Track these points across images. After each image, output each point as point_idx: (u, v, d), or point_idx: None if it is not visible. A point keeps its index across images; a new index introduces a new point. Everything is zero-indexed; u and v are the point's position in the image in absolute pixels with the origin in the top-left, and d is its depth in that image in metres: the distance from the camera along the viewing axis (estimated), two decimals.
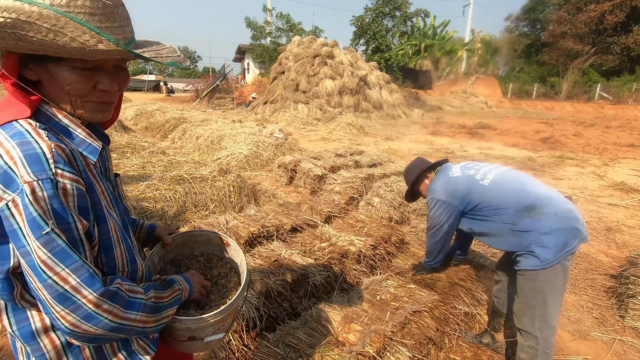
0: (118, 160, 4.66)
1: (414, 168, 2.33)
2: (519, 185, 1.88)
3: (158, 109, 10.81)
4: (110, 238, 0.83)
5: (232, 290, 1.10)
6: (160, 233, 1.16)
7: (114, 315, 0.73)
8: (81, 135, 0.80)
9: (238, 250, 1.17)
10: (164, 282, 0.94)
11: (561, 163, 8.04)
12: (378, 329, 1.90)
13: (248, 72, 32.44)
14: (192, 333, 0.99)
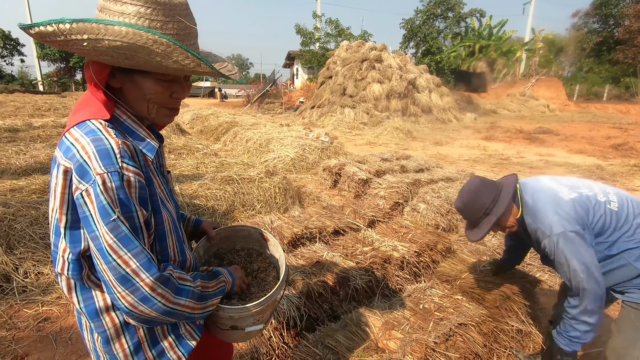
0: (174, 161, 5.01)
1: (480, 199, 1.63)
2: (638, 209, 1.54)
3: (212, 113, 11.44)
4: (164, 228, 0.91)
5: (271, 283, 1.15)
6: (206, 227, 1.23)
7: (166, 300, 0.79)
8: (142, 134, 0.89)
9: (277, 246, 1.21)
10: (211, 273, 1.01)
11: (637, 172, 7.21)
12: (420, 339, 1.83)
13: (297, 77, 33.22)
14: (234, 322, 1.04)
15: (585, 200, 1.52)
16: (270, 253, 1.26)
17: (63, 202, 0.78)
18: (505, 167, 7.43)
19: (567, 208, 1.50)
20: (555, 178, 1.69)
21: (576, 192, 1.56)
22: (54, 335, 2.22)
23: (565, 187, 1.59)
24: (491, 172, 6.83)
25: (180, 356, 0.96)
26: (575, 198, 1.53)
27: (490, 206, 1.62)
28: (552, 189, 1.60)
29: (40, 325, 2.30)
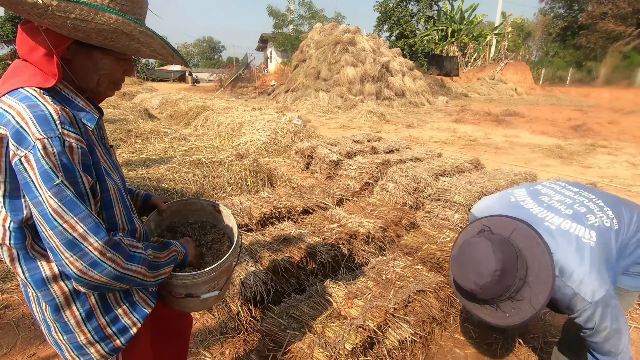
0: (141, 145, 4.88)
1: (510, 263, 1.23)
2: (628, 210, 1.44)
3: (182, 97, 11.10)
4: (110, 196, 0.91)
5: (225, 252, 1.18)
6: (156, 201, 1.23)
7: (117, 264, 0.81)
8: (80, 104, 0.88)
9: (230, 217, 1.24)
10: (162, 244, 1.02)
11: (592, 151, 7.67)
12: (380, 305, 1.93)
13: (270, 60, 32.56)
14: (188, 290, 1.07)
15: (602, 234, 1.28)
16: (224, 224, 1.29)
17: (0, 169, 0.77)
18: (472, 148, 7.70)
19: (597, 259, 1.23)
20: (542, 201, 1.44)
21: (590, 227, 1.30)
22: (15, 322, 2.18)
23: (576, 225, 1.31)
24: (459, 152, 7.06)
25: (135, 321, 0.98)
26: (597, 239, 1.27)
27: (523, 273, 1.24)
28: (570, 234, 1.29)
29: (0, 313, 2.24)
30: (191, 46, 60.90)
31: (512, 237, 1.29)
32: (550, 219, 1.34)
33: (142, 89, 15.68)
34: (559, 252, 1.25)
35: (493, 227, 1.35)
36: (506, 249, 1.23)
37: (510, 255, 1.23)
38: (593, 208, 1.37)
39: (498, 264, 1.18)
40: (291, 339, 1.74)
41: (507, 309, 1.25)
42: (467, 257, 1.28)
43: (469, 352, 2.07)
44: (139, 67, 30.85)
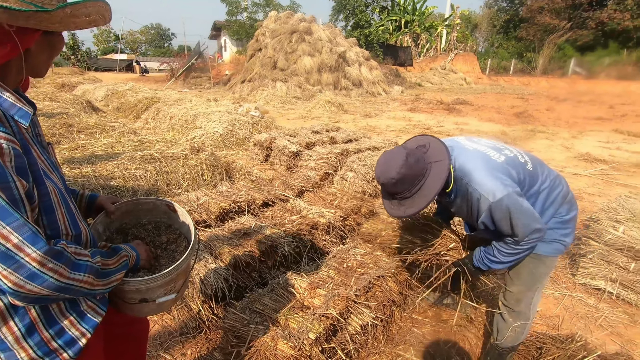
0: (85, 141, 4.53)
1: (412, 171, 1.47)
2: (549, 170, 1.63)
3: (130, 89, 10.43)
4: (51, 200, 0.84)
5: (182, 253, 1.13)
6: (103, 202, 1.15)
7: (60, 275, 0.74)
8: (10, 100, 0.79)
9: (186, 216, 1.20)
10: (110, 249, 0.96)
11: (532, 136, 8.30)
12: (342, 293, 1.98)
13: (225, 49, 31.43)
14: (143, 295, 1.01)
15: (511, 162, 1.53)
16: (180, 224, 1.24)
17: None
18: None
19: (503, 171, 1.48)
20: (473, 139, 1.69)
21: (503, 154, 1.55)
22: None
23: (491, 150, 1.57)
24: None
25: (84, 332, 0.92)
26: (506, 160, 1.52)
27: (421, 180, 1.49)
28: (480, 152, 1.55)
29: None
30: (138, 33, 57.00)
31: (432, 160, 1.52)
32: (472, 145, 1.62)
33: (83, 80, 14.52)
34: (470, 164, 1.50)
35: (432, 147, 1.57)
36: (414, 168, 1.48)
37: (413, 174, 1.48)
38: (512, 150, 1.62)
39: (398, 175, 1.46)
40: (255, 333, 1.73)
41: (395, 205, 1.59)
42: (387, 157, 1.54)
43: (426, 331, 2.19)
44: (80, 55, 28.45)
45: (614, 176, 5.40)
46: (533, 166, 1.59)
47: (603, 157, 6.45)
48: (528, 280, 1.70)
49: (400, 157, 1.47)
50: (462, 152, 1.57)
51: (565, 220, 1.61)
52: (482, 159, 1.51)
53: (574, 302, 2.52)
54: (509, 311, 1.80)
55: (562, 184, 1.64)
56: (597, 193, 4.65)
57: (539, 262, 1.67)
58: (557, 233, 1.62)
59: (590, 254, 2.72)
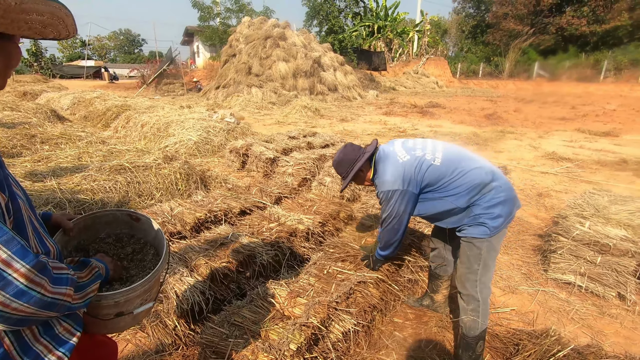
0: (50, 152, 4.30)
1: (346, 158, 2.03)
2: (466, 162, 1.85)
3: (98, 96, 10.04)
4: (22, 216, 0.80)
5: (152, 262, 1.10)
6: (58, 219, 1.08)
7: (45, 290, 0.70)
8: None
9: (151, 223, 1.15)
10: (79, 262, 0.92)
11: (502, 137, 8.60)
12: (322, 300, 1.95)
13: (198, 55, 30.93)
14: (120, 308, 0.98)
15: (413, 161, 1.85)
16: (144, 232, 1.19)
17: None
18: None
19: (398, 170, 1.86)
20: (406, 141, 2.00)
21: (410, 154, 1.88)
22: None
23: (403, 151, 1.92)
24: None
25: (60, 356, 0.86)
26: (406, 161, 1.86)
27: (352, 164, 2.01)
28: (395, 152, 1.93)
29: None
30: (106, 39, 55.12)
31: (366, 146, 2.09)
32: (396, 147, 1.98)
33: (47, 88, 13.88)
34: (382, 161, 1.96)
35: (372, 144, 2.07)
36: (348, 154, 2.03)
37: (353, 150, 2.05)
38: (427, 150, 1.91)
39: (338, 158, 2.07)
40: (234, 347, 1.67)
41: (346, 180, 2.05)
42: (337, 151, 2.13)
43: (407, 334, 2.20)
44: (43, 62, 27.20)
45: (579, 173, 5.67)
46: (444, 163, 1.85)
47: (568, 155, 6.77)
48: (466, 262, 1.88)
49: (343, 146, 2.11)
50: (385, 150, 2.00)
51: (489, 206, 1.77)
52: (390, 158, 1.93)
53: (547, 297, 2.60)
54: (460, 296, 1.94)
55: (481, 174, 1.80)
56: (563, 190, 4.86)
57: (470, 244, 1.84)
58: (482, 217, 1.78)
59: (560, 250, 2.82)
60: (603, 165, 6.18)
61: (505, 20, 34.43)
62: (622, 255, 2.57)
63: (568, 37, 32.23)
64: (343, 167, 2.05)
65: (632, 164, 6.21)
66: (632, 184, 5.21)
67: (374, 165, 2.01)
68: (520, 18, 33.95)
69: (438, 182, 1.84)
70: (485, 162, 1.89)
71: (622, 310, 2.46)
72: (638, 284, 2.56)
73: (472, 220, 1.81)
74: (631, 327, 2.32)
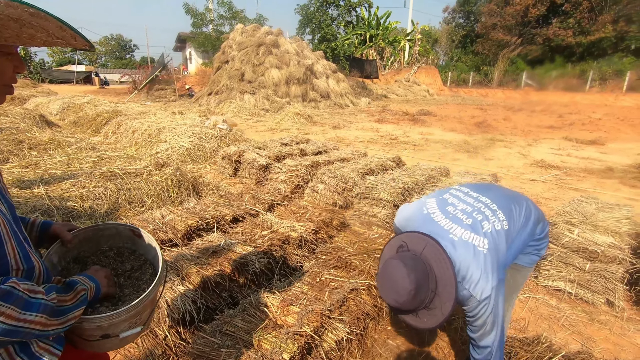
0: (38, 158, 4.23)
1: (423, 277, 1.36)
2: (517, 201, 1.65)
3: (88, 102, 9.94)
4: (0, 232, 0.76)
5: (148, 282, 1.06)
6: (58, 229, 1.05)
7: (7, 317, 0.67)
8: None
9: (152, 241, 1.12)
10: (65, 284, 0.87)
11: (492, 145, 8.73)
12: (315, 309, 1.94)
13: (190, 61, 30.88)
14: (105, 331, 0.93)
15: (494, 239, 1.47)
16: (145, 249, 1.15)
17: None
18: (394, 146, 8.22)
19: (489, 264, 1.41)
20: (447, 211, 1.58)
21: (484, 235, 1.47)
22: None
23: (473, 234, 1.47)
24: (382, 151, 7.48)
25: None
26: (489, 245, 1.44)
27: (433, 286, 1.39)
28: (468, 244, 1.44)
29: None
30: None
31: (424, 253, 1.44)
32: (454, 230, 1.50)
33: (36, 93, 13.68)
34: (460, 261, 1.42)
35: (409, 243, 1.50)
36: (418, 267, 1.37)
37: (422, 272, 1.37)
38: (488, 214, 1.55)
39: (412, 284, 1.32)
40: (226, 357, 1.65)
41: (424, 315, 1.42)
42: (387, 277, 1.39)
43: (400, 342, 2.19)
44: (32, 66, 26.86)
45: (567, 181, 5.78)
46: (508, 218, 1.56)
47: (556, 163, 6.90)
48: (507, 291, 1.73)
49: (400, 268, 1.35)
50: (451, 242, 1.46)
51: (540, 237, 1.71)
52: (471, 254, 1.42)
53: (538, 304, 2.63)
54: None
55: (531, 208, 1.68)
56: (552, 197, 4.94)
57: (517, 272, 1.76)
58: (533, 247, 1.72)
59: (550, 257, 2.86)
60: (590, 172, 6.31)
61: (494, 30, 35.22)
62: (610, 262, 2.61)
63: (555, 48, 33.07)
64: (423, 290, 1.36)
65: (618, 171, 6.36)
66: (618, 191, 5.32)
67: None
68: (508, 29, 34.76)
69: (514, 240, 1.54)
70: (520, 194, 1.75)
71: (611, 317, 2.50)
72: (626, 291, 2.61)
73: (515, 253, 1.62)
74: (620, 333, 2.35)
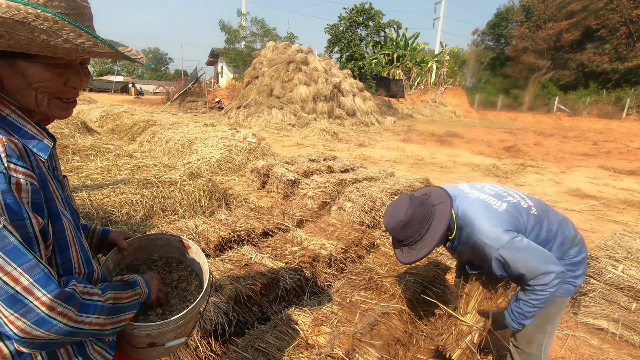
0: (81, 163, 4.45)
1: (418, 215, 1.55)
2: (553, 212, 1.66)
3: (126, 110, 10.44)
4: (66, 237, 0.81)
5: (194, 293, 1.09)
6: (115, 237, 1.11)
7: (69, 319, 0.70)
8: (31, 132, 0.77)
9: (199, 253, 1.15)
10: (126, 283, 0.92)
11: (522, 170, 8.48)
12: (347, 331, 1.91)
13: (222, 75, 32.03)
14: (153, 339, 0.96)
15: (513, 210, 1.55)
16: (192, 261, 1.19)
17: None
18: (420, 167, 8.14)
19: (503, 219, 1.50)
20: (476, 186, 1.71)
21: (505, 201, 1.58)
22: None
23: (493, 198, 1.59)
24: (409, 171, 7.42)
25: None
26: (507, 207, 1.54)
27: (426, 224, 1.56)
28: (482, 200, 1.58)
29: None
30: None
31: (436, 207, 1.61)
32: (474, 193, 1.64)
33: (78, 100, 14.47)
34: (472, 212, 1.54)
35: (433, 194, 1.69)
36: (419, 211, 1.56)
37: (420, 216, 1.55)
38: (515, 196, 1.63)
39: (405, 217, 1.54)
40: None
41: (405, 252, 1.64)
42: (393, 204, 1.63)
43: None
44: None
45: (605, 212, 5.51)
46: (538, 211, 1.60)
47: (592, 193, 6.61)
48: (539, 321, 1.67)
49: (405, 201, 1.58)
50: (464, 200, 1.62)
51: (576, 262, 1.62)
52: (483, 208, 1.55)
53: (578, 343, 2.48)
54: (520, 352, 1.76)
55: (570, 226, 1.66)
56: (590, 229, 4.71)
57: (550, 302, 1.64)
58: (567, 275, 1.60)
59: (591, 293, 2.71)
60: (630, 205, 5.99)
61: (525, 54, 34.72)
62: None
63: (589, 74, 32.17)
64: (411, 228, 1.56)
65: None
66: None
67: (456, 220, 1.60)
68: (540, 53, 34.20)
69: (535, 235, 1.57)
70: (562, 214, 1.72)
71: None
72: None
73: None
74: None
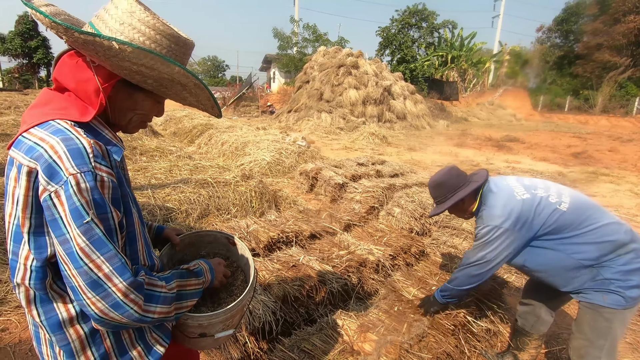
0: (147, 163, 4.85)
1: (448, 182, 1.81)
2: (599, 214, 1.59)
3: (186, 115, 11.20)
4: (135, 231, 0.89)
5: (239, 287, 1.14)
6: (169, 234, 1.20)
7: (139, 307, 0.77)
8: (108, 136, 0.87)
9: (245, 250, 1.21)
10: (192, 271, 0.99)
11: (594, 179, 7.68)
12: (394, 340, 1.86)
13: (274, 81, 33.11)
14: (203, 330, 1.02)
15: (533, 201, 1.62)
16: (238, 257, 1.25)
17: (26, 205, 0.74)
18: None
19: (513, 206, 1.63)
20: (520, 178, 1.79)
21: (530, 192, 1.65)
22: (12, 347, 2.09)
23: (522, 187, 1.69)
24: None
25: None
26: (526, 199, 1.63)
27: (455, 190, 1.81)
28: (510, 187, 1.71)
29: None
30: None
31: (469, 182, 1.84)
32: (509, 180, 1.80)
33: None
34: (493, 194, 1.74)
35: (477, 173, 1.89)
36: (452, 181, 1.82)
37: (450, 184, 1.82)
38: (551, 191, 1.67)
39: (438, 180, 1.86)
40: None
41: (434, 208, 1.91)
42: (439, 170, 1.93)
43: None
44: None
45: None
46: (571, 210, 1.60)
47: None
48: (589, 333, 1.60)
49: (447, 169, 1.89)
50: (497, 182, 1.80)
51: (626, 270, 1.50)
52: (505, 192, 1.70)
53: None
54: None
55: (621, 232, 1.54)
56: None
57: (596, 313, 1.57)
58: (615, 284, 1.51)
59: None
60: None
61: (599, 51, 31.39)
62: None
63: None
64: (441, 190, 1.83)
65: None
66: None
67: (480, 196, 1.77)
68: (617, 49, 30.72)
69: (561, 231, 1.58)
70: (618, 218, 1.63)
71: None
72: None
73: (599, 284, 1.55)
74: None
